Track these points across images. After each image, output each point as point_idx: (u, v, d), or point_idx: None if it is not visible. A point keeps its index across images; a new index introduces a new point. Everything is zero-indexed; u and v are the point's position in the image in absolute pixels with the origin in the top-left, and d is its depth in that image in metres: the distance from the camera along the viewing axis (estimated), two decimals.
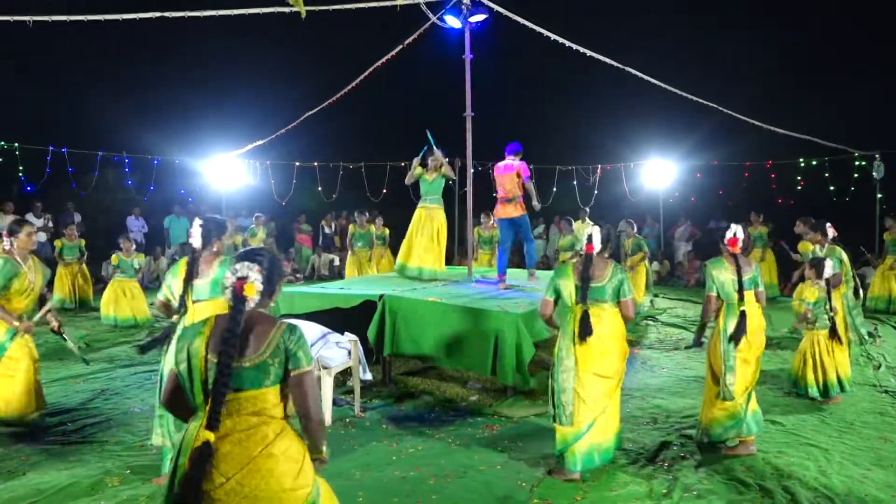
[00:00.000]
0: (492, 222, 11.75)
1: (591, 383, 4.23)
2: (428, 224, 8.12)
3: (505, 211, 7.72)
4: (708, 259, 4.95)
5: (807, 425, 5.27)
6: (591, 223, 14.13)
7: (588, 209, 14.36)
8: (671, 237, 16.45)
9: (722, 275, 4.72)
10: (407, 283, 7.63)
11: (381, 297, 6.46)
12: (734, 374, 4.57)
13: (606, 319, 4.28)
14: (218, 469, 2.24)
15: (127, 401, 6.08)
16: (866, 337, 7.92)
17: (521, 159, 7.63)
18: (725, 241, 4.74)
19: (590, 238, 4.31)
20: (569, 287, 4.31)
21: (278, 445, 2.32)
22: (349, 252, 12.69)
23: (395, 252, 12.08)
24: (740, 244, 4.70)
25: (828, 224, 6.79)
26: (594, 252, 4.31)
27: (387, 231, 13.60)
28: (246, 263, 2.45)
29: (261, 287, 2.46)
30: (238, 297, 2.40)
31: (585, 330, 4.18)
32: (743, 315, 4.58)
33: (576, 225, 13.72)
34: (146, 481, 4.19)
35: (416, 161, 8.13)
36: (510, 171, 7.57)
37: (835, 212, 12.69)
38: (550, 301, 4.43)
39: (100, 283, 13.34)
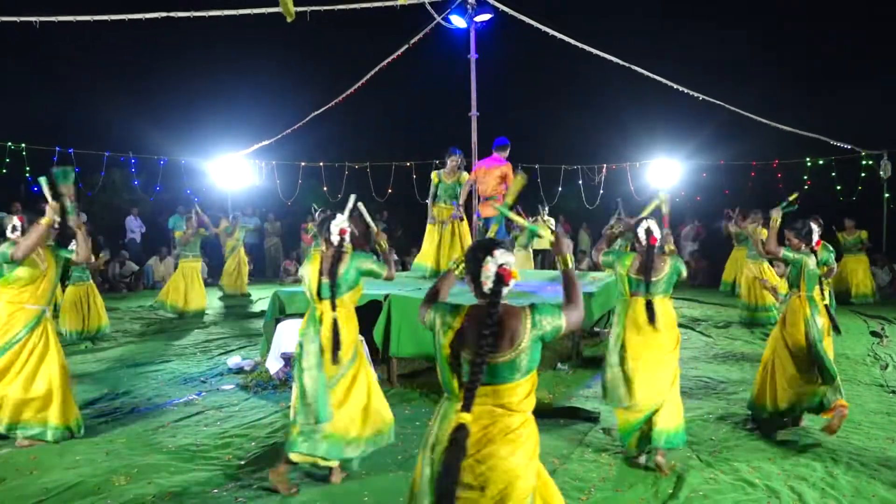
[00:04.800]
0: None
1: (643, 371, 4.39)
2: (451, 226, 7.85)
3: (488, 211, 7.61)
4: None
5: (814, 425, 5.23)
6: (551, 219, 14.16)
7: (545, 207, 14.36)
8: (677, 237, 16.40)
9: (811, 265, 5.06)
10: (412, 283, 7.61)
11: (386, 296, 6.46)
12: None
13: (659, 311, 4.42)
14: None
15: (133, 400, 6.10)
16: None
17: (507, 158, 7.52)
18: (813, 243, 5.08)
19: (649, 231, 4.44)
20: (622, 273, 4.50)
21: (519, 435, 2.37)
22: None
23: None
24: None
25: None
26: (656, 245, 4.48)
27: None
28: (503, 250, 2.47)
29: None
30: (504, 284, 2.42)
31: (651, 317, 4.39)
32: (827, 308, 5.06)
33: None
34: (153, 480, 4.20)
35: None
36: (495, 169, 7.44)
37: (842, 211, 12.65)
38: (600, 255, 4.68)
39: (104, 284, 13.42)
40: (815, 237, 5.09)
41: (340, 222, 4.21)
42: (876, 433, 5.06)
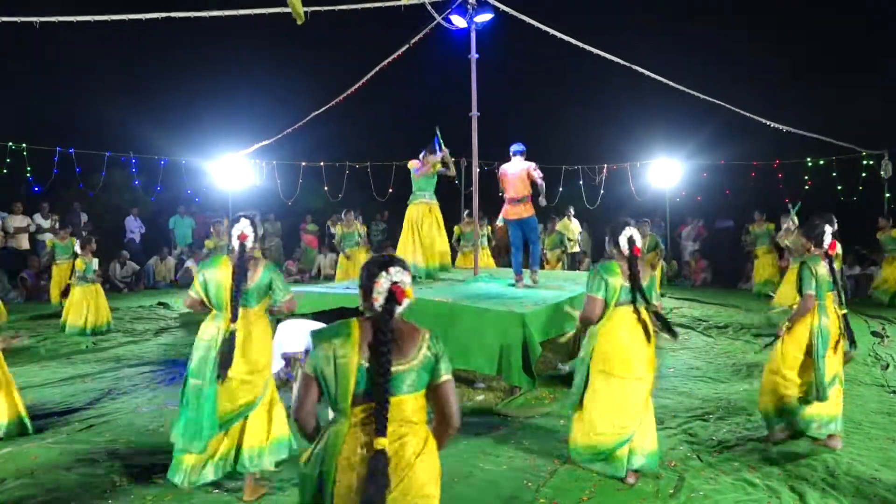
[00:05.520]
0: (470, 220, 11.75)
1: (618, 386, 4.16)
2: (429, 219, 8.15)
3: (515, 211, 7.61)
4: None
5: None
6: (577, 220, 14.17)
7: (572, 207, 14.37)
8: (678, 236, 16.40)
9: (821, 271, 4.66)
10: (413, 283, 7.61)
11: None
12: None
13: (647, 321, 4.24)
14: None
15: (134, 400, 6.10)
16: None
17: (526, 158, 7.62)
18: (825, 245, 4.70)
19: (632, 240, 4.16)
20: (615, 286, 4.12)
21: (426, 451, 2.30)
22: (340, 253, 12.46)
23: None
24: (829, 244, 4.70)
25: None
26: (640, 255, 4.21)
27: (365, 229, 13.68)
28: (399, 268, 2.40)
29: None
30: (396, 303, 2.36)
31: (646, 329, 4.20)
32: (846, 318, 4.69)
33: (561, 223, 13.74)
34: (153, 480, 4.20)
35: (433, 158, 8.10)
36: (520, 172, 7.52)
37: (843, 211, 12.64)
38: (601, 300, 4.13)
39: (105, 283, 13.42)
40: (828, 238, 4.71)
41: (242, 226, 3.99)
42: (876, 433, 5.06)
